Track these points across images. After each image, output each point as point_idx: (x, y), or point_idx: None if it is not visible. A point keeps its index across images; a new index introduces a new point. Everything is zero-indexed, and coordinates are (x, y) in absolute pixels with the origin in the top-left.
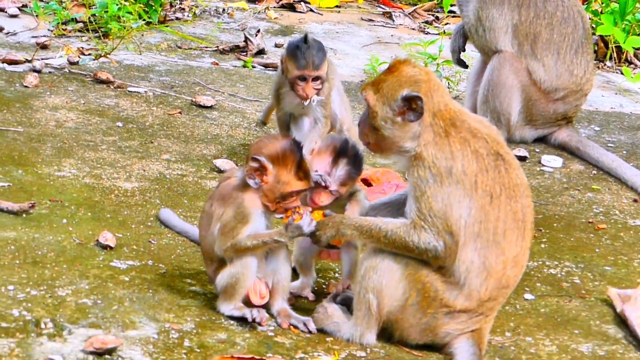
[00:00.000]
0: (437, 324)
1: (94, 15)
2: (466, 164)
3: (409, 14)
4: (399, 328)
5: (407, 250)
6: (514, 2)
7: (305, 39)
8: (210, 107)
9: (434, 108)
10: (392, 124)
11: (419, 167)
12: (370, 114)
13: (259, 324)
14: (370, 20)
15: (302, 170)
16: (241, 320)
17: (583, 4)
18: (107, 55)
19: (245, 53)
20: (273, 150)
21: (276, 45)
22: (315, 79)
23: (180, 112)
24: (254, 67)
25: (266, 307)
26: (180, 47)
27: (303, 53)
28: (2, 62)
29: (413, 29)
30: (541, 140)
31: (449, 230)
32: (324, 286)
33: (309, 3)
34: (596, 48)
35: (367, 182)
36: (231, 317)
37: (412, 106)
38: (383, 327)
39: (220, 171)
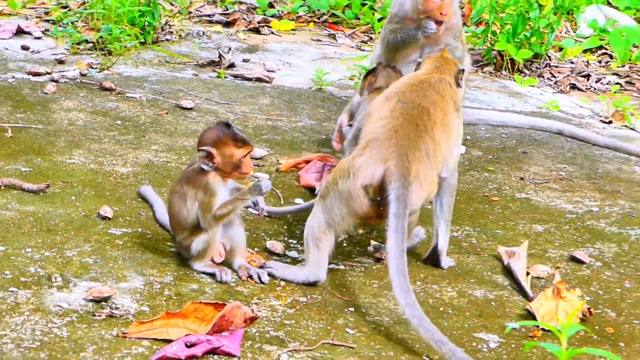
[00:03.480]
0: None
1: (101, 37)
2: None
3: (349, 35)
4: None
5: None
6: None
7: None
8: (191, 108)
9: None
10: None
11: None
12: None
13: (225, 283)
14: (319, 40)
15: (238, 141)
16: (210, 275)
17: (485, 26)
18: (110, 69)
19: (219, 66)
20: (211, 137)
21: (244, 60)
22: None
23: (166, 113)
24: (226, 77)
25: (228, 264)
26: (168, 62)
27: None
28: (28, 74)
29: (352, 47)
30: None
31: None
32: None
33: (270, 27)
34: (494, 60)
35: (307, 161)
36: (203, 273)
37: None
38: None
39: None
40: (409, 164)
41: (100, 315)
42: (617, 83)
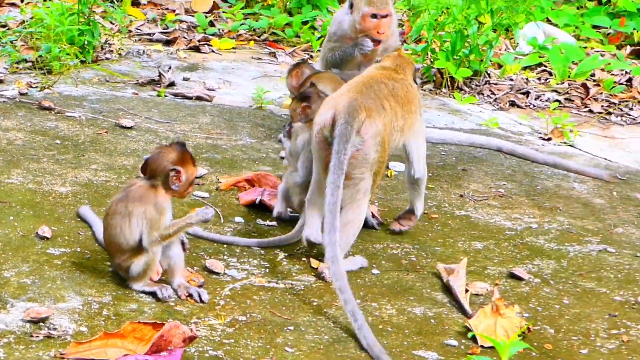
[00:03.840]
0: None
1: (40, 56)
2: None
3: (290, 53)
4: None
5: None
6: None
7: None
8: (130, 127)
9: None
10: None
11: None
12: None
13: (168, 298)
14: (259, 58)
15: (194, 159)
16: (151, 294)
17: (425, 44)
18: (50, 88)
19: (159, 85)
20: (175, 157)
21: (184, 79)
22: None
23: (106, 132)
24: (166, 96)
25: (167, 283)
26: (108, 81)
27: None
28: None
29: (288, 64)
30: None
31: None
32: None
33: (211, 45)
34: (434, 78)
35: (250, 183)
36: (142, 292)
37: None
38: None
39: None
40: (357, 104)
41: (38, 336)
42: (556, 100)
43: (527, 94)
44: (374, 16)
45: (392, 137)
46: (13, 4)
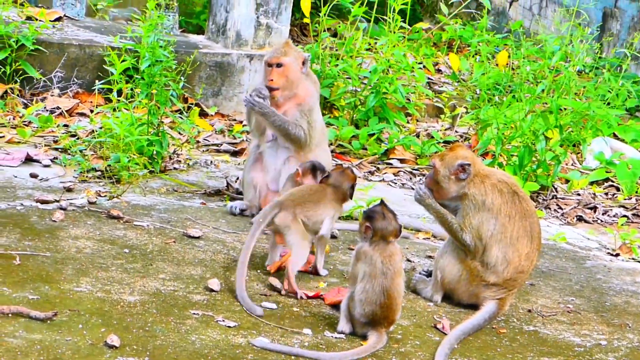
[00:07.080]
0: (478, 291)
1: (109, 165)
2: (494, 198)
3: (357, 165)
4: (456, 294)
5: (456, 239)
6: None
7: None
8: (198, 237)
9: (475, 171)
10: (448, 180)
11: (466, 199)
12: (435, 173)
13: None
14: None
15: None
16: None
17: (492, 158)
18: (119, 197)
19: (227, 195)
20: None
21: None
22: None
23: (174, 241)
24: None
25: None
26: (176, 191)
27: None
28: (36, 202)
29: (359, 177)
30: None
31: (479, 237)
32: None
33: None
34: None
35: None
36: None
37: (464, 169)
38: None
39: (212, 290)
40: None
41: None
42: (624, 215)
43: (594, 209)
44: (269, 65)
45: None
46: (83, 114)
